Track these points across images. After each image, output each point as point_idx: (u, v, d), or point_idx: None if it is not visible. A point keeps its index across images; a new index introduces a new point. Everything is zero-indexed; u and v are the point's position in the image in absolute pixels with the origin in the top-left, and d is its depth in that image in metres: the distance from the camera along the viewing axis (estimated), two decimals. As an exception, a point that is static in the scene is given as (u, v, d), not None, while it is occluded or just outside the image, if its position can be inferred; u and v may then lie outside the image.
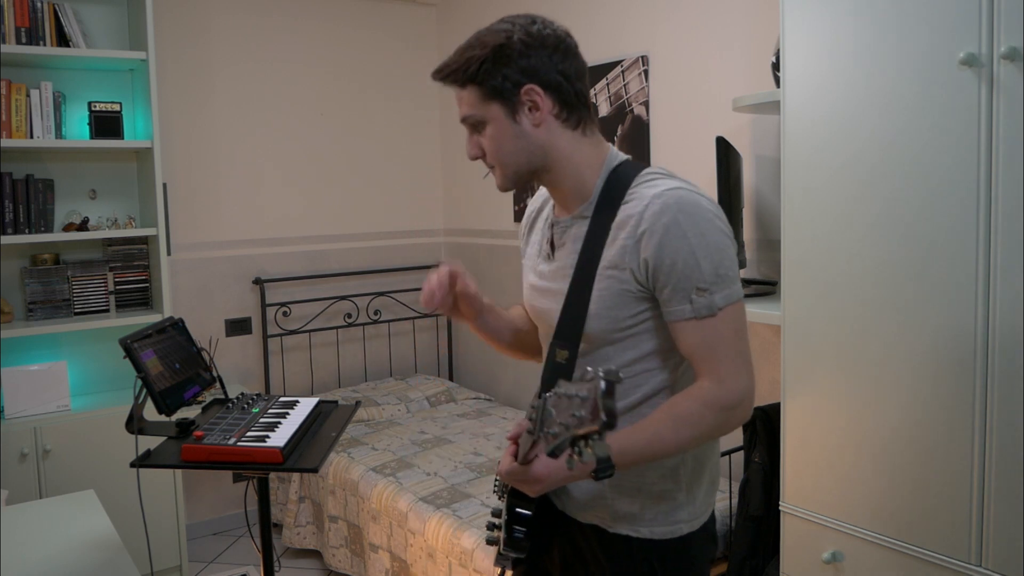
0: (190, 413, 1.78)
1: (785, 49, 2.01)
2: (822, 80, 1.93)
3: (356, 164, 4.19)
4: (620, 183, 1.29)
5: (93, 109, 3.16)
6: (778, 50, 2.31)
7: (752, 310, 2.34)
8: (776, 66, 2.42)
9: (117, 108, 3.20)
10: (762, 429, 2.42)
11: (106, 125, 3.17)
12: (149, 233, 3.25)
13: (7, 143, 2.98)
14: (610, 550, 1.34)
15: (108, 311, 3.31)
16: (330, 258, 4.14)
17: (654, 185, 1.25)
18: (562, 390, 0.94)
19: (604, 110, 3.40)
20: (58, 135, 3.13)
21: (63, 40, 3.11)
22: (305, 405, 1.85)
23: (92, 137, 3.16)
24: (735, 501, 2.53)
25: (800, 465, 2.07)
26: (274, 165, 3.95)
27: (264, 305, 3.90)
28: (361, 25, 4.16)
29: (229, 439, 1.60)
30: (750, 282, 2.66)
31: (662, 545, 1.32)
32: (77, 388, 3.32)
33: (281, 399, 1.92)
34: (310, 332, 4.05)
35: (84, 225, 3.27)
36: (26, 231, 3.11)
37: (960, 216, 1.69)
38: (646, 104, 3.22)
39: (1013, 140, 1.59)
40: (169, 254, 3.29)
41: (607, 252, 1.26)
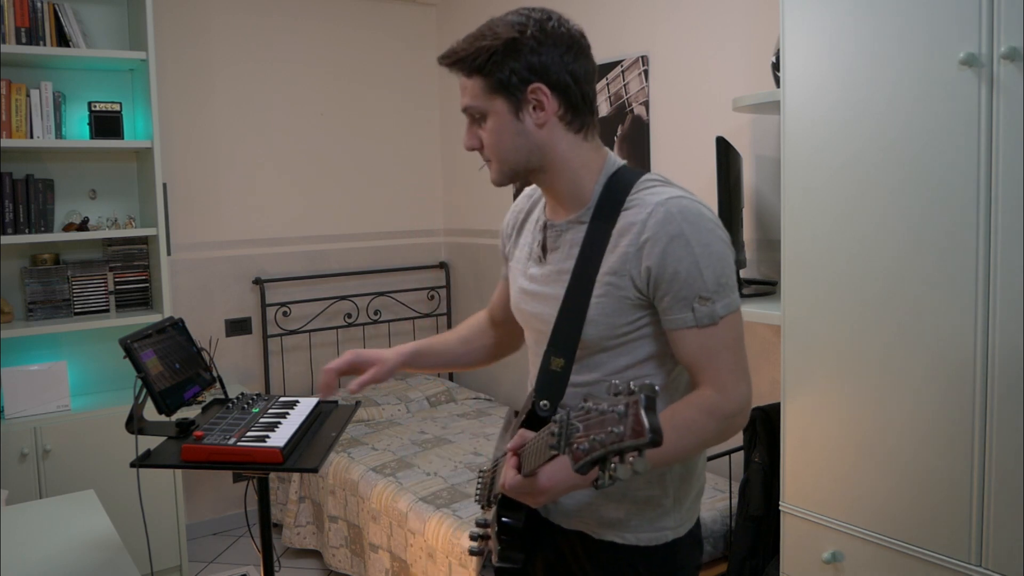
0: (190, 413, 1.78)
1: (785, 49, 2.01)
2: (822, 80, 1.93)
3: (356, 164, 4.19)
4: (619, 189, 1.28)
5: (93, 109, 3.16)
6: (778, 50, 2.31)
7: (752, 310, 2.34)
8: (776, 66, 2.42)
9: (117, 108, 3.20)
10: (762, 429, 2.42)
11: (106, 125, 3.17)
12: (149, 233, 3.25)
13: (7, 143, 2.98)
14: (596, 557, 1.34)
15: (108, 311, 3.31)
16: (330, 258, 4.14)
17: (656, 192, 1.24)
18: (590, 404, 0.93)
19: (604, 110, 3.40)
20: (58, 135, 3.13)
21: (63, 40, 3.11)
22: (305, 405, 1.85)
23: (92, 137, 3.16)
24: (735, 501, 2.53)
25: (800, 465, 2.07)
26: (274, 165, 3.95)
27: (264, 305, 3.90)
28: (361, 25, 4.16)
29: (229, 439, 1.60)
30: (750, 282, 2.66)
31: (649, 551, 1.32)
32: (77, 388, 3.32)
33: (281, 399, 1.92)
34: (310, 332, 4.05)
35: (84, 225, 3.27)
36: (26, 231, 3.11)
37: (960, 216, 1.69)
38: (646, 104, 3.22)
39: (1013, 140, 1.59)
40: (169, 254, 3.29)
41: (608, 258, 1.25)
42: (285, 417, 1.75)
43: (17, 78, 3.09)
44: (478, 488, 1.50)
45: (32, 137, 3.06)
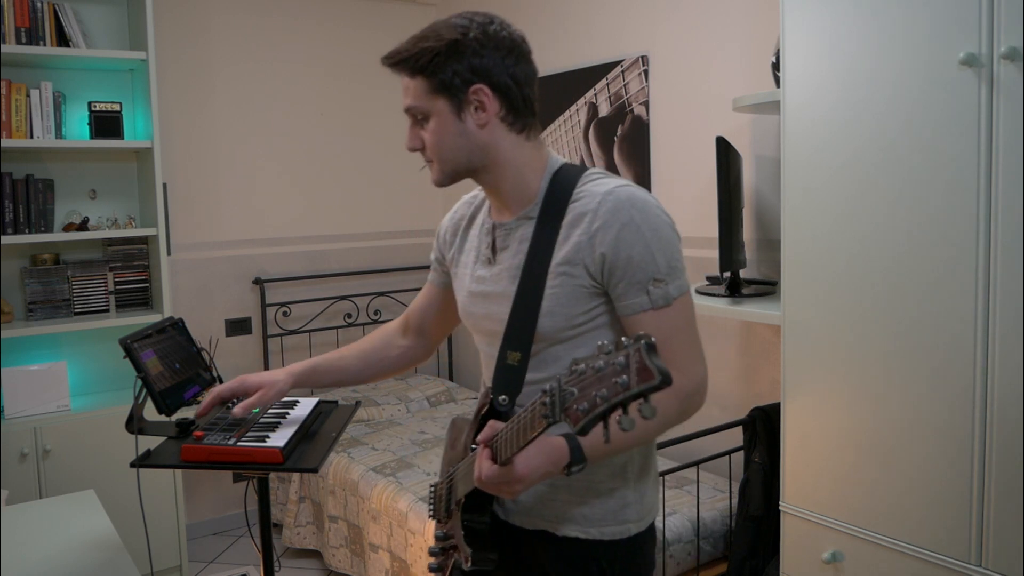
0: (190, 413, 1.78)
1: (785, 49, 2.01)
2: (822, 80, 1.93)
3: (356, 164, 4.18)
4: (565, 184, 1.31)
5: (93, 109, 3.16)
6: (778, 50, 2.31)
7: (752, 310, 2.34)
8: (776, 66, 2.42)
9: (117, 108, 3.20)
10: (762, 429, 2.42)
11: (106, 125, 3.17)
12: (149, 233, 3.25)
13: (7, 143, 2.98)
14: (558, 554, 1.33)
15: (108, 311, 3.31)
16: (330, 258, 4.14)
17: (602, 184, 1.28)
18: (582, 367, 0.92)
19: (604, 110, 3.40)
20: (58, 135, 3.13)
21: (63, 40, 3.11)
22: (305, 405, 1.85)
23: (92, 137, 3.16)
24: (735, 501, 2.53)
25: (800, 465, 2.07)
26: (274, 165, 3.95)
27: (264, 305, 3.90)
28: (361, 25, 4.16)
29: (229, 439, 1.59)
30: (750, 282, 2.66)
31: (612, 546, 1.32)
32: (77, 388, 3.32)
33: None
34: (310, 332, 4.05)
35: (84, 225, 3.27)
36: (26, 231, 3.11)
37: (960, 216, 1.69)
38: (646, 104, 3.22)
39: (1013, 140, 1.59)
40: (169, 254, 3.29)
41: (559, 250, 1.27)
42: (285, 417, 1.75)
43: (17, 78, 3.09)
44: (431, 504, 1.50)
45: (32, 137, 3.06)
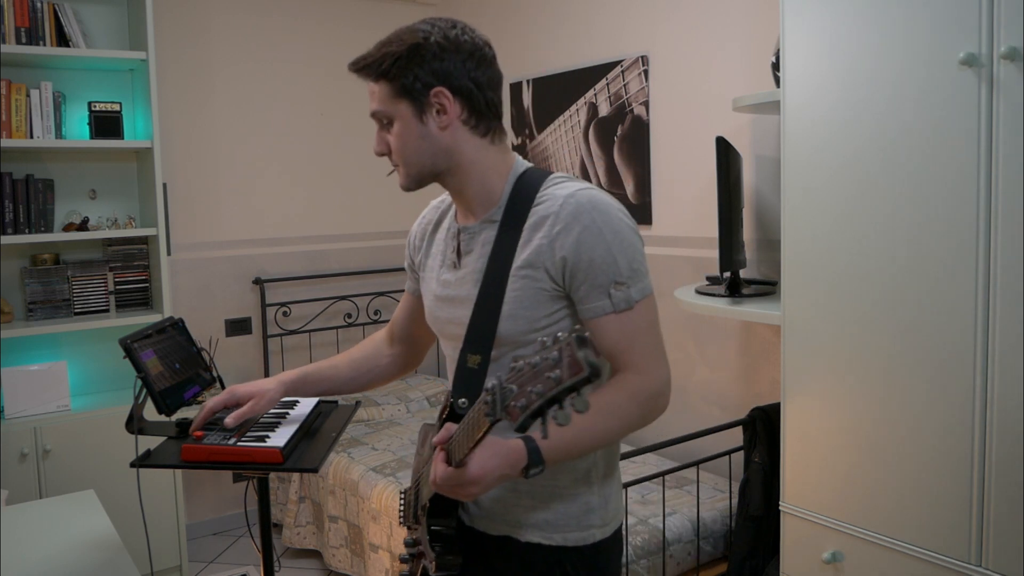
0: (190, 413, 1.78)
1: (785, 49, 2.01)
2: (822, 80, 1.93)
3: (356, 164, 4.18)
4: (528, 187, 1.31)
5: (93, 109, 3.16)
6: (778, 50, 2.31)
7: (752, 310, 2.34)
8: (776, 66, 2.42)
9: (117, 108, 3.20)
10: (762, 429, 2.42)
11: (106, 125, 3.17)
12: (149, 233, 3.25)
13: (7, 143, 2.98)
14: (522, 560, 1.33)
15: (108, 311, 3.31)
16: (330, 258, 4.14)
17: (564, 187, 1.28)
18: (519, 364, 0.93)
19: (604, 110, 3.40)
20: (58, 135, 3.13)
21: (63, 40, 3.11)
22: (305, 405, 1.85)
23: (92, 137, 3.16)
24: (735, 501, 2.53)
25: (800, 465, 2.07)
26: (274, 165, 3.95)
27: (264, 305, 3.90)
28: (361, 25, 4.16)
29: (229, 439, 1.59)
30: (750, 282, 2.66)
31: (575, 552, 1.32)
32: (77, 388, 3.32)
33: (281, 399, 1.91)
34: (310, 332, 4.05)
35: (84, 225, 3.27)
36: (26, 231, 3.11)
37: (960, 216, 1.69)
38: (646, 104, 3.22)
39: (1013, 140, 1.59)
40: (169, 254, 3.29)
41: (520, 253, 1.27)
42: (285, 417, 1.75)
43: (17, 78, 3.09)
44: (401, 508, 1.49)
45: (32, 137, 3.06)
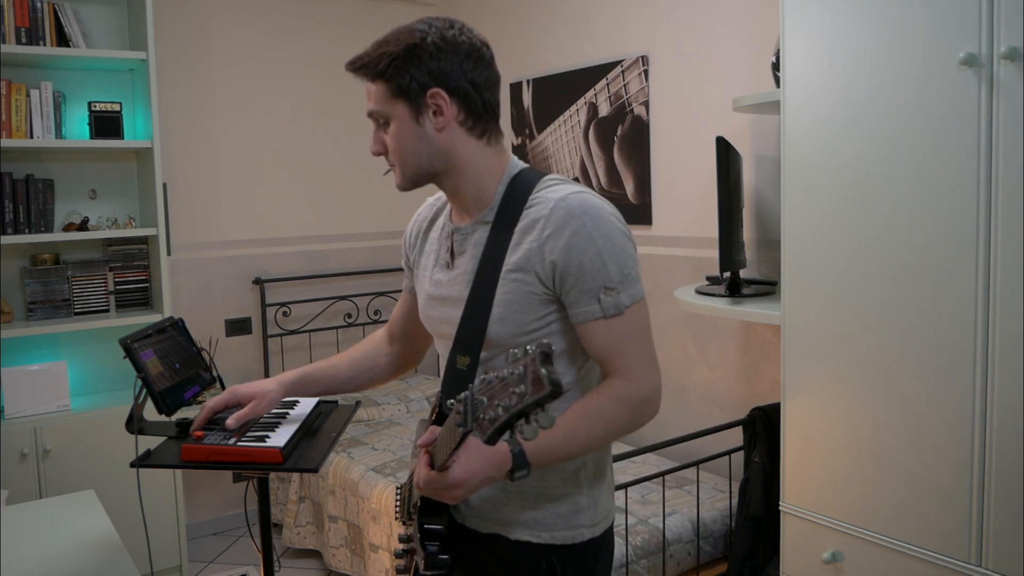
0: (190, 413, 1.78)
1: (785, 49, 2.01)
2: (822, 80, 1.93)
3: (356, 164, 4.18)
4: (521, 189, 1.31)
5: (93, 109, 3.16)
6: (778, 50, 2.31)
7: (752, 310, 2.34)
8: (776, 66, 2.42)
9: (117, 108, 3.20)
10: (762, 429, 2.42)
11: (106, 125, 3.17)
12: (149, 233, 3.25)
13: (7, 143, 2.98)
14: (511, 558, 1.33)
15: (108, 311, 3.31)
16: (330, 258, 4.14)
17: (556, 190, 1.27)
18: (490, 376, 0.93)
19: (604, 110, 3.40)
20: (58, 135, 3.13)
21: (63, 40, 3.11)
22: (305, 405, 1.85)
23: (92, 137, 3.16)
24: (735, 501, 2.53)
25: (800, 465, 2.07)
26: (274, 165, 3.95)
27: (264, 305, 3.90)
28: (361, 25, 4.16)
29: (229, 439, 1.59)
30: (750, 282, 2.66)
31: (563, 549, 1.32)
32: (77, 388, 3.32)
33: (282, 400, 1.91)
34: (310, 332, 4.05)
35: (84, 225, 3.27)
36: (26, 231, 3.11)
37: (960, 216, 1.69)
38: (646, 104, 3.22)
39: (1013, 140, 1.59)
40: (169, 254, 3.29)
41: (511, 256, 1.27)
42: (285, 417, 1.75)
43: (17, 78, 3.09)
44: (397, 504, 1.49)
45: (32, 137, 3.06)
